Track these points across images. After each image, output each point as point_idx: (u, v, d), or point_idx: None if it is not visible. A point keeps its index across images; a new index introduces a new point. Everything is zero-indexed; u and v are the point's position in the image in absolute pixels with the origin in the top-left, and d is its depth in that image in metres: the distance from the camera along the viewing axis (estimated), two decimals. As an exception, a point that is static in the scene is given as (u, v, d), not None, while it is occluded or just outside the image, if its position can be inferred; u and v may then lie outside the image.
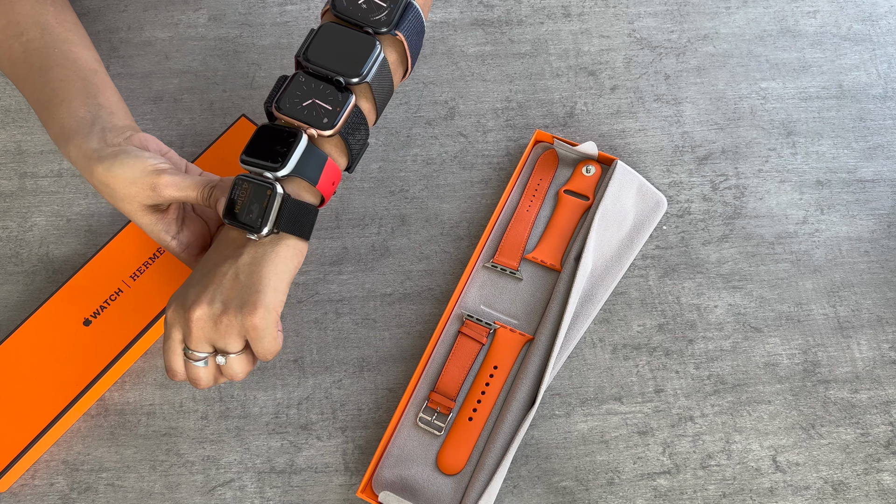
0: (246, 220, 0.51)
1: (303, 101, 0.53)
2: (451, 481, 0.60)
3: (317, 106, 0.53)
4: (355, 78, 0.53)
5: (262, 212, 0.50)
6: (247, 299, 0.50)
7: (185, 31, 0.76)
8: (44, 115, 0.58)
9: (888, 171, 0.71)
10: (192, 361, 0.52)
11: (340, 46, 0.53)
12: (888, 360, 0.65)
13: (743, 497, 0.61)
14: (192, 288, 0.52)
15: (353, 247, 0.68)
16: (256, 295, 0.50)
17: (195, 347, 0.51)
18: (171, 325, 0.52)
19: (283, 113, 0.53)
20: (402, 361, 0.65)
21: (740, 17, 0.77)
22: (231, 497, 0.61)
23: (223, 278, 0.51)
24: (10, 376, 0.61)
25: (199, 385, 0.53)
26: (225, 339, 0.51)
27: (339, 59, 0.53)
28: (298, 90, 0.53)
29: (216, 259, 0.53)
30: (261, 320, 0.50)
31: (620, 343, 0.65)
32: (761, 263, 0.68)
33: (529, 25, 0.77)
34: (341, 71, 0.53)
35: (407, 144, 0.72)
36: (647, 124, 0.73)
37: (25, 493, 0.61)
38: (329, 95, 0.53)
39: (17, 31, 0.60)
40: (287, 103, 0.53)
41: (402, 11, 0.54)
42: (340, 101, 0.53)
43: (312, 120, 0.52)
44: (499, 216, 0.69)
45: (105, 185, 0.54)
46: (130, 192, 0.54)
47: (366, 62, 0.53)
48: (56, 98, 0.58)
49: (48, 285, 0.67)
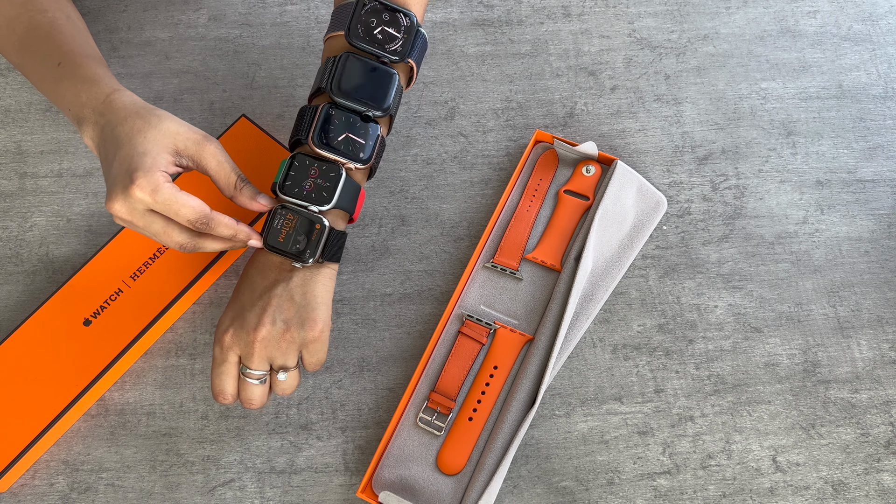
0: (293, 250, 0.55)
1: (338, 136, 0.56)
2: (451, 481, 0.60)
3: (351, 140, 0.57)
4: (382, 112, 0.58)
5: (311, 244, 0.55)
6: (306, 317, 0.55)
7: (185, 31, 0.76)
8: (68, 66, 0.58)
9: (888, 171, 0.71)
10: (251, 381, 0.56)
11: (364, 79, 0.57)
12: (888, 360, 0.65)
13: (743, 497, 0.61)
14: (248, 312, 0.56)
15: (353, 247, 0.69)
16: (314, 312, 0.56)
17: (257, 367, 0.56)
18: (229, 349, 0.56)
19: (323, 150, 0.56)
20: (402, 361, 0.65)
21: (740, 17, 0.77)
22: (231, 497, 0.61)
23: (280, 300, 0.56)
24: (10, 376, 0.61)
25: (254, 405, 0.57)
26: (286, 355, 0.56)
27: (366, 94, 0.57)
28: (332, 125, 0.57)
29: (264, 283, 0.57)
30: (320, 334, 0.56)
31: (620, 343, 0.65)
32: (761, 263, 0.68)
33: (529, 25, 0.77)
34: (372, 106, 0.57)
35: (407, 144, 0.72)
36: (647, 124, 0.73)
37: (25, 493, 0.61)
38: (360, 129, 0.57)
39: (42, 7, 0.61)
40: (324, 138, 0.56)
41: (413, 40, 0.58)
42: (370, 134, 0.57)
43: (350, 155, 0.57)
44: (499, 216, 0.69)
45: (142, 129, 0.53)
46: (165, 143, 0.53)
47: (390, 95, 0.58)
48: (88, 51, 0.60)
49: (48, 285, 0.67)
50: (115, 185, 0.52)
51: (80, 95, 0.56)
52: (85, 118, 0.55)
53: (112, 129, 0.54)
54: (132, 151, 0.52)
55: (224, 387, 0.56)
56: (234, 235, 0.55)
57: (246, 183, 0.56)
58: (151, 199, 0.51)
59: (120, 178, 0.52)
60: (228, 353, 0.56)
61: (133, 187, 0.51)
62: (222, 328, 0.56)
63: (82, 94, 0.56)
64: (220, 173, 0.55)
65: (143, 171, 0.51)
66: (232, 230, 0.55)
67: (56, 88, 0.58)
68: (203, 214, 0.53)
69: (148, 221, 0.53)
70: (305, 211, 0.56)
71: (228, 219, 0.55)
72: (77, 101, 0.56)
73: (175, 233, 0.54)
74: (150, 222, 0.53)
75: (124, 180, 0.51)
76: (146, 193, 0.51)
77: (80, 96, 0.56)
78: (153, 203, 0.51)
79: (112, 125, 0.54)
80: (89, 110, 0.55)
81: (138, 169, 0.51)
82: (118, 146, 0.53)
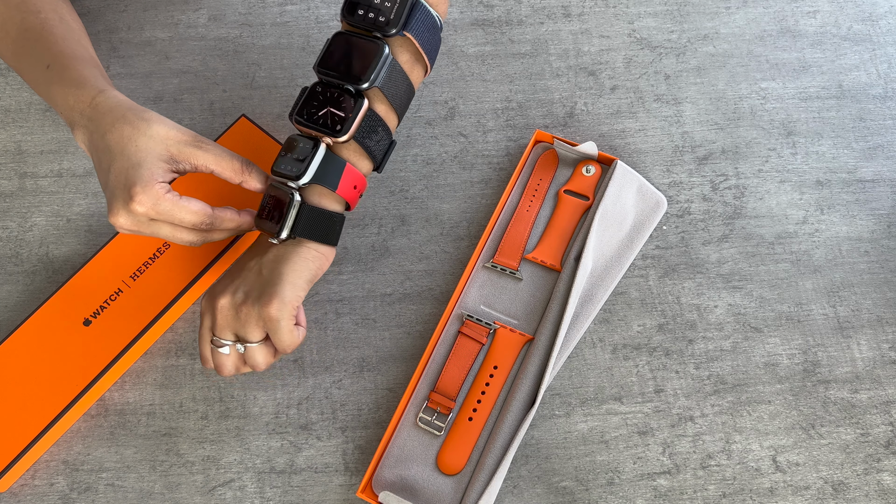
0: (267, 226, 0.55)
1: (319, 111, 0.56)
2: (451, 481, 0.60)
3: (331, 114, 0.55)
4: (363, 84, 0.55)
5: (282, 217, 0.54)
6: (264, 291, 0.54)
7: (185, 31, 0.76)
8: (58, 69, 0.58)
9: (888, 171, 0.71)
10: (217, 348, 0.56)
11: (350, 54, 0.56)
12: (888, 360, 0.65)
13: (743, 497, 0.61)
14: (221, 281, 0.57)
15: (353, 247, 0.69)
16: (273, 287, 0.54)
17: (219, 335, 0.55)
18: (203, 314, 0.56)
19: (300, 124, 0.56)
20: (402, 361, 0.65)
21: (740, 17, 0.77)
22: (231, 497, 0.61)
23: (249, 272, 0.56)
24: (10, 376, 0.61)
25: (223, 372, 0.57)
26: (245, 327, 0.54)
27: (347, 68, 0.55)
28: (315, 100, 0.56)
29: (247, 258, 0.57)
30: (276, 311, 0.53)
31: (620, 343, 0.65)
32: (761, 263, 0.68)
33: (529, 25, 0.77)
34: (348, 79, 0.55)
35: (407, 144, 0.72)
36: (647, 124, 0.73)
37: (25, 493, 0.61)
38: (343, 103, 0.55)
39: (35, 8, 0.61)
40: (304, 114, 0.56)
41: (408, 12, 0.55)
42: (353, 108, 0.55)
43: (328, 128, 0.55)
44: (499, 216, 0.69)
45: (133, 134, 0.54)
46: (158, 151, 0.54)
47: (372, 68, 0.55)
48: (78, 53, 0.60)
49: (48, 285, 0.67)
50: (116, 201, 0.53)
51: (67, 99, 0.56)
52: (75, 121, 0.56)
53: (102, 136, 0.54)
54: (126, 164, 0.53)
55: (203, 351, 0.57)
56: (239, 226, 0.57)
57: (252, 166, 0.56)
58: (154, 212, 0.52)
59: (119, 194, 0.52)
60: (203, 318, 0.56)
61: (133, 204, 0.52)
62: (203, 295, 0.57)
63: (70, 97, 0.56)
64: (222, 164, 0.55)
65: (141, 186, 0.52)
66: (236, 222, 0.56)
67: (48, 91, 0.58)
68: (206, 216, 0.54)
69: (154, 229, 0.54)
70: (284, 186, 0.55)
71: (231, 212, 0.56)
72: (66, 104, 0.56)
73: (183, 234, 0.55)
74: (156, 229, 0.54)
75: (124, 196, 0.52)
76: (147, 208, 0.52)
77: (68, 99, 0.56)
78: (155, 215, 0.52)
79: (101, 132, 0.54)
80: (77, 114, 0.55)
81: (136, 184, 0.52)
82: (111, 157, 0.53)
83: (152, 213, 0.52)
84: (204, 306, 0.57)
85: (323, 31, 0.76)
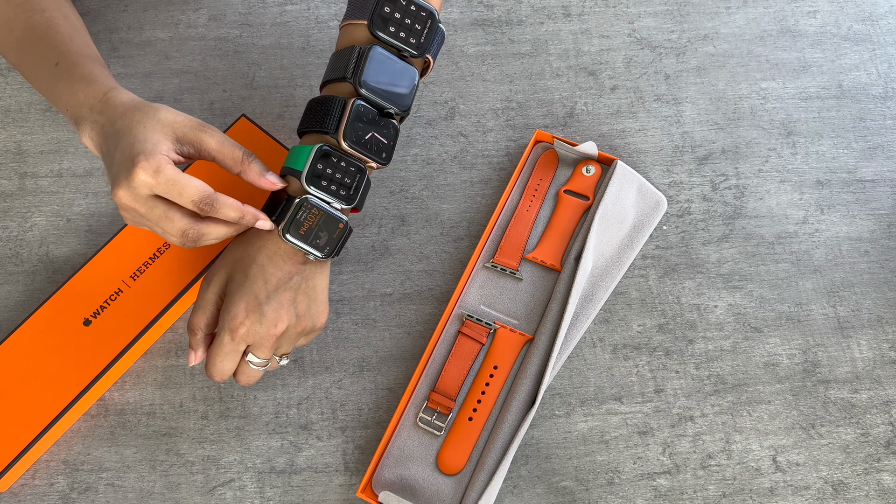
0: (313, 245, 0.55)
1: (364, 135, 0.57)
2: (451, 481, 0.60)
3: (376, 139, 0.57)
4: (404, 111, 0.58)
5: (331, 241, 0.56)
6: (316, 310, 0.58)
7: (185, 31, 0.76)
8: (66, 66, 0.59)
9: (888, 171, 0.71)
10: (255, 367, 0.57)
11: (388, 75, 0.57)
12: (888, 360, 0.65)
13: (743, 497, 0.61)
14: (265, 305, 0.55)
15: (352, 247, 0.69)
16: (322, 305, 0.58)
17: (265, 356, 0.57)
18: (242, 340, 0.56)
19: (352, 147, 0.56)
20: (402, 361, 0.65)
21: (740, 17, 0.77)
22: (231, 497, 0.61)
23: (295, 293, 0.56)
24: (10, 376, 0.61)
25: (250, 383, 0.59)
26: (292, 344, 0.58)
27: (389, 90, 0.57)
28: (360, 121, 0.56)
29: (278, 274, 0.56)
30: (322, 326, 0.59)
31: (620, 343, 0.65)
32: (761, 263, 0.68)
33: (529, 25, 0.77)
34: (395, 104, 0.57)
35: (407, 144, 0.72)
36: (647, 124, 0.73)
37: (25, 493, 0.61)
38: (384, 128, 0.58)
39: (40, 7, 0.61)
40: (353, 135, 0.56)
41: (433, 35, 0.58)
42: (391, 134, 0.58)
43: (374, 154, 0.57)
44: (499, 216, 0.69)
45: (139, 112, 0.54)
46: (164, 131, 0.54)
47: (412, 94, 0.58)
48: (85, 51, 0.60)
49: (48, 285, 0.67)
50: (119, 173, 0.52)
51: (77, 95, 0.56)
52: (83, 118, 0.55)
53: (111, 124, 0.54)
54: (133, 139, 0.52)
55: (225, 369, 0.57)
56: (241, 217, 0.54)
57: (253, 158, 0.56)
58: (154, 181, 0.51)
59: (123, 165, 0.51)
60: (240, 343, 0.56)
61: (136, 169, 0.50)
62: (237, 320, 0.55)
63: (79, 93, 0.56)
64: (224, 150, 0.55)
65: (145, 155, 0.51)
66: (238, 211, 0.54)
67: (54, 89, 0.58)
68: (207, 194, 0.52)
69: (150, 206, 0.52)
70: (328, 207, 0.56)
71: (234, 200, 0.54)
72: (74, 100, 0.56)
73: (177, 216, 0.53)
74: (151, 207, 0.52)
75: (127, 165, 0.51)
76: (149, 175, 0.50)
77: (78, 96, 0.56)
78: (156, 185, 0.51)
79: (111, 121, 0.54)
80: (87, 109, 0.55)
81: (140, 153, 0.51)
82: (118, 138, 0.53)
83: (152, 182, 0.51)
84: (245, 333, 0.55)
85: (323, 31, 0.76)
